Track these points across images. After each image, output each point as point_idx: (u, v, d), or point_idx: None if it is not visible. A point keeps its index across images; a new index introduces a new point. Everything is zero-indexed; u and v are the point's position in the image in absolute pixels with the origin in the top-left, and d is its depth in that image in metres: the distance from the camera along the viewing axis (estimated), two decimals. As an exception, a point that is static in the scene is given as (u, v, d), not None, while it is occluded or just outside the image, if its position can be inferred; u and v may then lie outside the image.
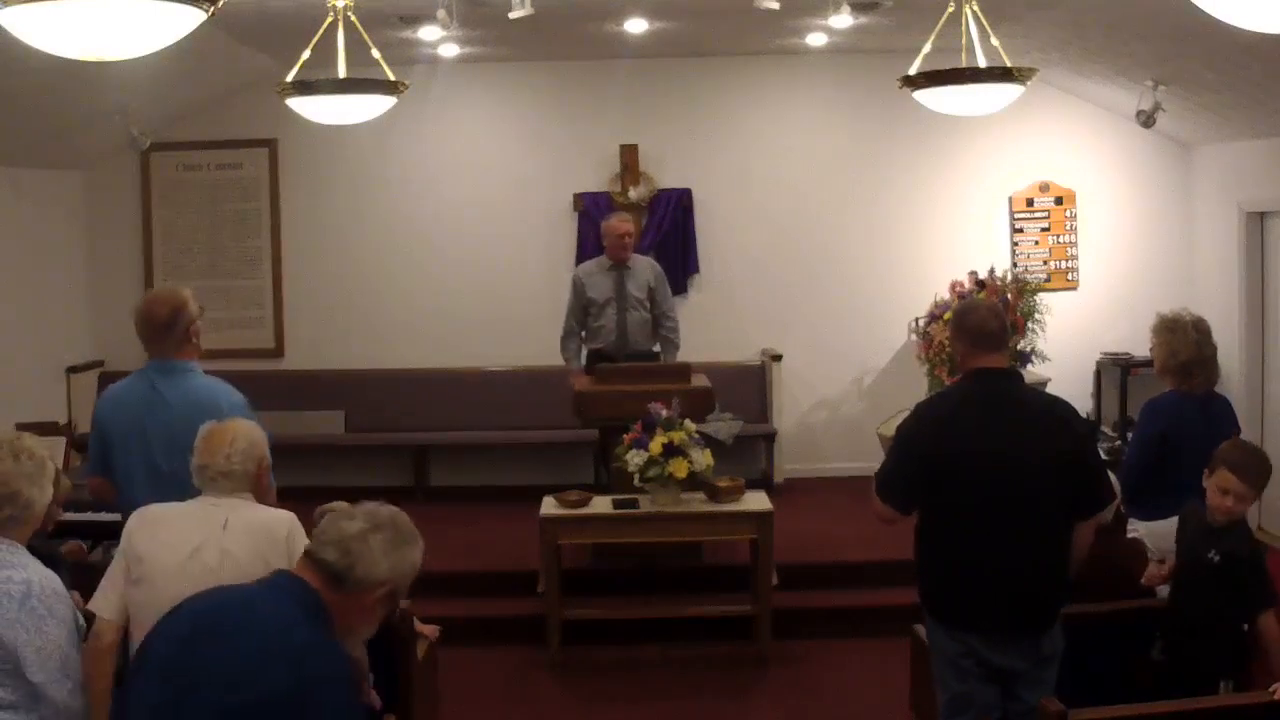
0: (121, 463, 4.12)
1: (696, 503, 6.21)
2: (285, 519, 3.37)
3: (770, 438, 8.74)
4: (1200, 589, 3.91)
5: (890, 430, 4.96)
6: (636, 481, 6.09)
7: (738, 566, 6.53)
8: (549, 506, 6.22)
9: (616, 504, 6.24)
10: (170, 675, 2.40)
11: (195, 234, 9.09)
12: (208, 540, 3.24)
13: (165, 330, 4.19)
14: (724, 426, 7.23)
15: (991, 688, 3.79)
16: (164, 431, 4.01)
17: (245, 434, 3.48)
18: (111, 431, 4.16)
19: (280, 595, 2.48)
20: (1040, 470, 3.70)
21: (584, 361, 7.51)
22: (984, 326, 3.85)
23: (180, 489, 3.57)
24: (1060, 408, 3.91)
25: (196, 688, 2.34)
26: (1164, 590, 4.27)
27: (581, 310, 7.49)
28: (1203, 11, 2.75)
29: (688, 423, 6.12)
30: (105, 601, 3.28)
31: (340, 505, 4.75)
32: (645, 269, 7.54)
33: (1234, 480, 3.88)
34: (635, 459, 6.02)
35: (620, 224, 7.49)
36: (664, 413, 6.09)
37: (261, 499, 3.49)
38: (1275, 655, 3.77)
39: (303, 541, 3.33)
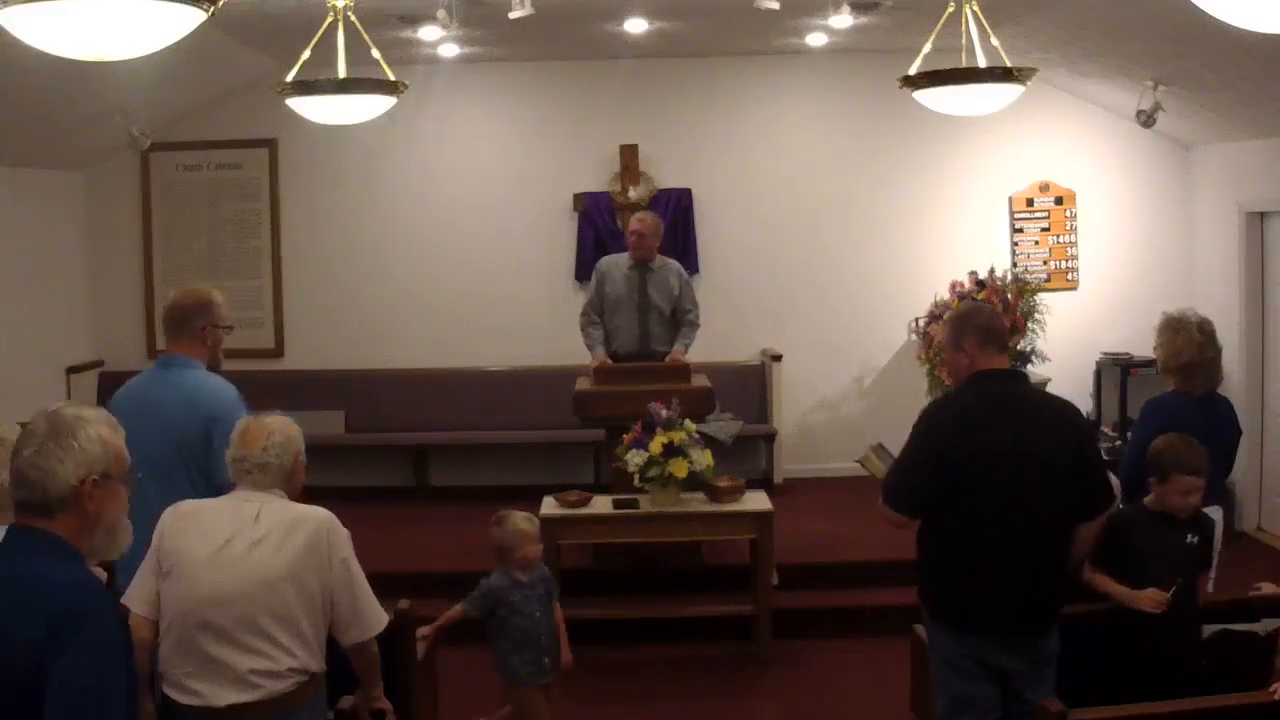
0: None
1: (696, 503, 6.20)
2: (322, 515, 3.34)
3: (770, 438, 8.75)
4: (1186, 573, 3.98)
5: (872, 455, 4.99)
6: (636, 481, 6.09)
7: (738, 566, 6.53)
8: (549, 506, 6.22)
9: (616, 504, 6.25)
10: None
11: (195, 234, 9.10)
12: (239, 532, 3.24)
13: (181, 322, 4.20)
14: (724, 426, 7.22)
15: (992, 687, 3.79)
16: (157, 427, 3.89)
17: (282, 429, 3.45)
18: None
19: (17, 550, 2.38)
20: (1048, 472, 3.72)
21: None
22: (993, 324, 3.91)
23: (158, 488, 3.55)
24: (1066, 409, 3.93)
25: None
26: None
27: (599, 302, 7.21)
28: (1203, 11, 2.75)
29: (688, 423, 6.12)
30: (137, 596, 3.26)
31: (512, 514, 4.76)
32: (670, 274, 7.22)
33: (1195, 480, 3.99)
34: (635, 459, 6.02)
35: (634, 220, 7.26)
36: (664, 413, 6.09)
37: (294, 496, 3.46)
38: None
39: (341, 537, 3.32)
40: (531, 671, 4.79)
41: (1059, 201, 8.98)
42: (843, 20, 6.95)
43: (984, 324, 3.89)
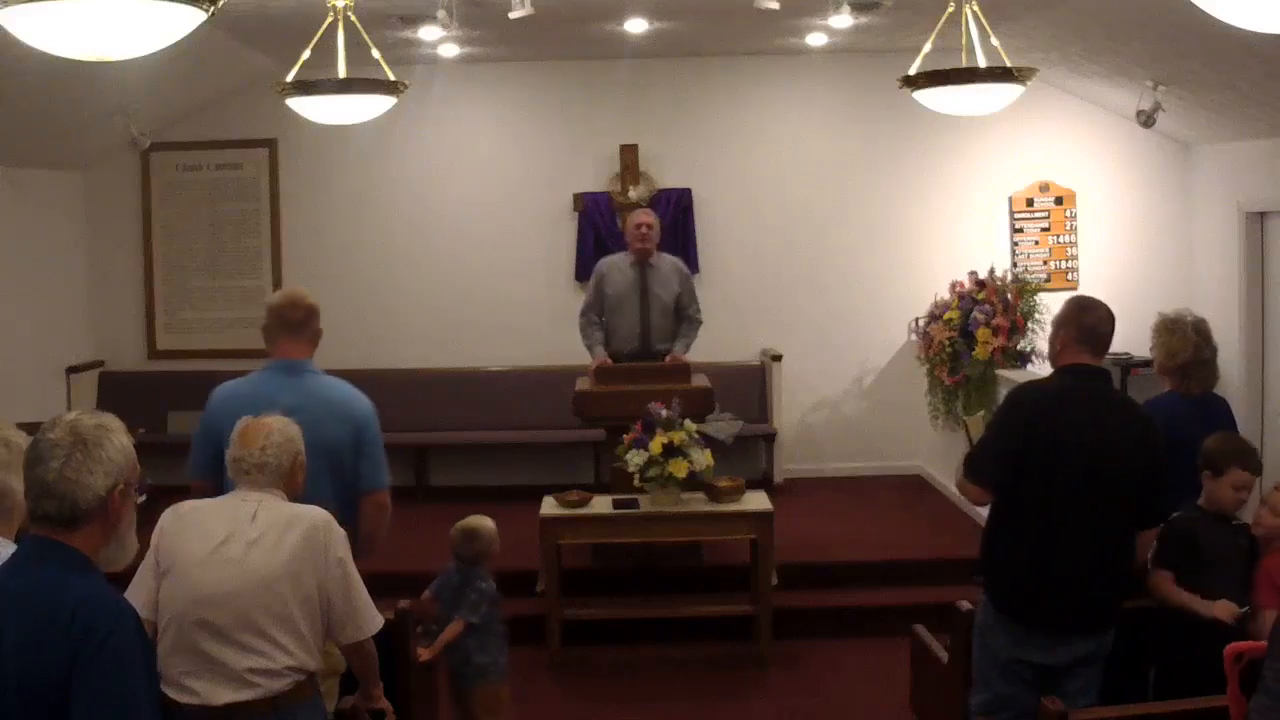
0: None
1: (696, 503, 6.21)
2: (319, 514, 3.32)
3: (770, 438, 8.75)
4: (1237, 577, 3.98)
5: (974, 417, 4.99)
6: (636, 481, 6.09)
7: (738, 566, 6.53)
8: (549, 506, 6.23)
9: (616, 504, 6.25)
10: None
11: (195, 234, 9.10)
12: (235, 532, 3.23)
13: (300, 325, 4.17)
14: (724, 426, 7.21)
15: (1035, 693, 3.79)
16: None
17: (282, 429, 3.45)
18: (227, 429, 3.83)
19: (37, 563, 2.38)
20: (1124, 474, 3.77)
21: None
22: (1100, 328, 3.91)
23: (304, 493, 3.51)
24: (1145, 416, 3.98)
25: None
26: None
27: (599, 304, 7.17)
28: (1203, 11, 2.75)
29: (688, 423, 6.12)
30: (137, 598, 3.23)
31: (479, 520, 4.83)
32: (671, 270, 7.20)
33: (1249, 476, 4.04)
34: (635, 459, 6.02)
35: (638, 214, 7.26)
36: (664, 413, 6.09)
37: (294, 497, 3.44)
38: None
39: (338, 536, 3.31)
40: (505, 664, 4.92)
41: (1059, 201, 8.97)
42: (843, 20, 6.95)
43: (1088, 325, 3.90)
